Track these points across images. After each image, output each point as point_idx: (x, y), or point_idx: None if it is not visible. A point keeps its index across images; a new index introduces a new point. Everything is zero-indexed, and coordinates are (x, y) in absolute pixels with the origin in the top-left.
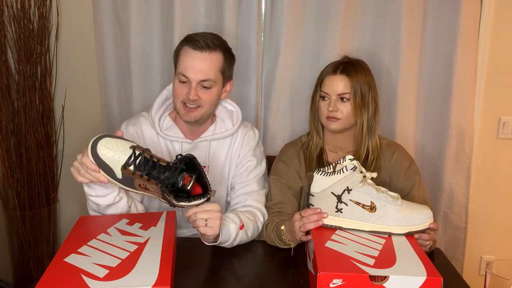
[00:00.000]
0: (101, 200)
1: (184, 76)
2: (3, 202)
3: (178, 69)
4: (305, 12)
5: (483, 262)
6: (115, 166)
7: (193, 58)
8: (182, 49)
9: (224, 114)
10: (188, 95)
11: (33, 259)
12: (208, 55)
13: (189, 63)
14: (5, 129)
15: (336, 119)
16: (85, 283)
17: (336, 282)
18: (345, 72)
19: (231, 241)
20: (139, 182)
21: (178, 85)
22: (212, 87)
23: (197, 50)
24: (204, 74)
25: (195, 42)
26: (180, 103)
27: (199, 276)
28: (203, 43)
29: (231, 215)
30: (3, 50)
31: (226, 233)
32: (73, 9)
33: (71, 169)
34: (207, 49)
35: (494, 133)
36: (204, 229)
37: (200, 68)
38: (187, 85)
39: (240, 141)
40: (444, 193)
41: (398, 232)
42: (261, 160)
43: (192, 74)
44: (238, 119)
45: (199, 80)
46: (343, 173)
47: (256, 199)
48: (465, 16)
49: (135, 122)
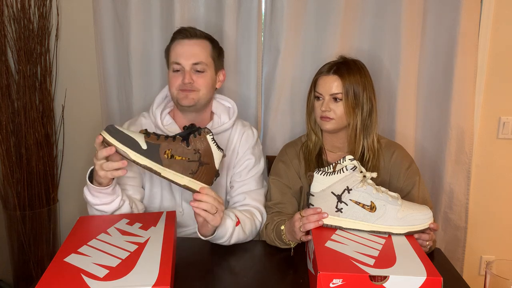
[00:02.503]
0: (107, 208)
1: (177, 64)
2: (3, 202)
3: (170, 61)
4: (305, 12)
5: (483, 262)
6: (137, 137)
7: (183, 45)
8: (172, 43)
9: (220, 110)
10: (184, 80)
11: (33, 259)
12: (197, 41)
13: (179, 51)
14: (5, 129)
15: (329, 119)
16: (85, 283)
17: (336, 282)
18: (337, 73)
19: (227, 237)
20: (165, 148)
21: (172, 75)
22: (205, 71)
23: (185, 39)
24: (195, 57)
25: (183, 32)
26: (177, 90)
27: (199, 276)
28: (191, 31)
29: (227, 211)
30: (3, 50)
31: (222, 227)
32: (73, 9)
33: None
34: (195, 37)
35: (494, 133)
36: (212, 218)
37: (191, 52)
38: (181, 73)
39: (238, 139)
40: (444, 193)
41: (398, 232)
42: (259, 158)
43: (184, 59)
44: (235, 113)
45: (191, 64)
46: (343, 173)
47: (254, 198)
48: (465, 16)
49: (134, 122)
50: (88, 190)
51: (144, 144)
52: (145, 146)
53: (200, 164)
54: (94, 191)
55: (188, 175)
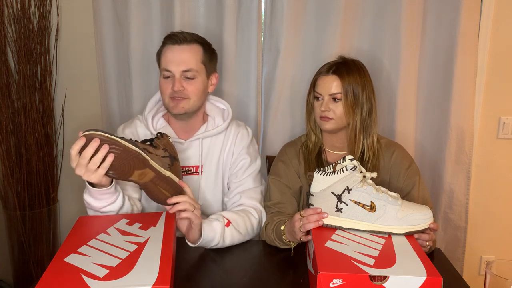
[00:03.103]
0: (112, 207)
1: (167, 71)
2: (3, 202)
3: (161, 67)
4: (305, 12)
5: (483, 262)
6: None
7: (172, 51)
8: (163, 48)
9: (215, 113)
10: (173, 87)
11: (33, 259)
12: (187, 47)
13: (169, 57)
14: (5, 129)
15: (328, 119)
16: (85, 283)
17: (336, 282)
18: (337, 73)
19: (218, 238)
20: (142, 145)
21: (163, 81)
22: (196, 77)
23: (176, 44)
24: (185, 64)
25: (173, 37)
26: (168, 98)
27: (198, 275)
28: (181, 36)
29: (212, 216)
30: (3, 50)
31: (209, 229)
32: (73, 9)
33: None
34: (185, 42)
35: (494, 133)
36: (193, 215)
37: (181, 59)
38: (171, 80)
39: (233, 140)
40: (444, 193)
41: (398, 232)
42: (255, 157)
43: (174, 66)
44: (229, 115)
45: (181, 71)
46: (343, 173)
47: (250, 197)
48: (465, 16)
49: (130, 124)
50: (91, 196)
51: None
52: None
53: (171, 160)
54: (98, 194)
55: (167, 169)
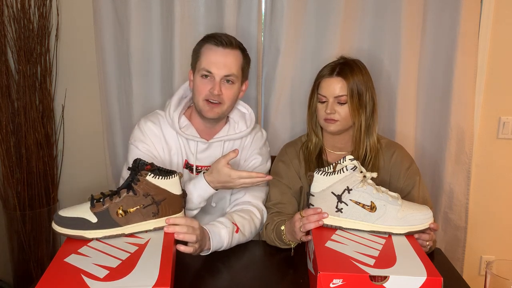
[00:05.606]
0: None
1: (208, 72)
2: (3, 202)
3: (200, 66)
4: (305, 12)
5: (483, 262)
6: (84, 213)
7: (216, 53)
8: (204, 47)
9: (238, 116)
10: (212, 90)
11: (33, 259)
12: (231, 51)
13: (212, 59)
14: (5, 129)
15: (334, 121)
16: (85, 283)
17: (336, 282)
18: (341, 74)
19: (226, 245)
20: (115, 208)
21: (200, 81)
22: (234, 82)
23: (220, 47)
24: (227, 69)
25: (218, 38)
26: (203, 101)
27: (199, 276)
28: (226, 39)
29: (222, 219)
30: (3, 50)
31: (217, 239)
32: (73, 9)
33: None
34: (229, 46)
35: (494, 133)
36: (192, 237)
37: (224, 63)
38: (210, 81)
39: (249, 142)
40: (444, 193)
41: (398, 232)
42: (266, 159)
43: (216, 69)
44: (252, 121)
45: (222, 75)
46: (343, 173)
47: (255, 195)
48: (465, 16)
49: (154, 119)
50: None
51: (93, 217)
52: (95, 219)
53: (157, 204)
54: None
55: (151, 218)
